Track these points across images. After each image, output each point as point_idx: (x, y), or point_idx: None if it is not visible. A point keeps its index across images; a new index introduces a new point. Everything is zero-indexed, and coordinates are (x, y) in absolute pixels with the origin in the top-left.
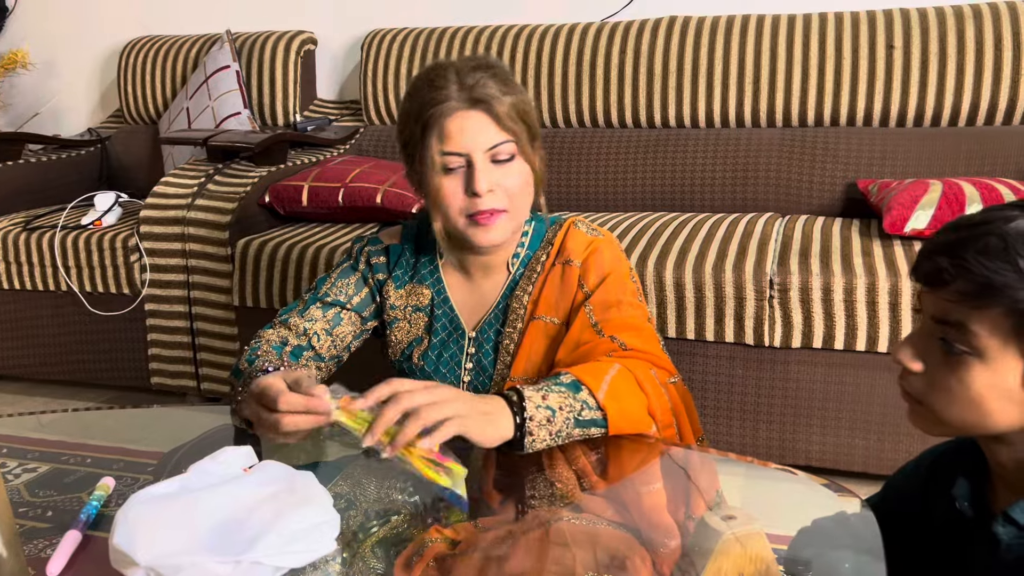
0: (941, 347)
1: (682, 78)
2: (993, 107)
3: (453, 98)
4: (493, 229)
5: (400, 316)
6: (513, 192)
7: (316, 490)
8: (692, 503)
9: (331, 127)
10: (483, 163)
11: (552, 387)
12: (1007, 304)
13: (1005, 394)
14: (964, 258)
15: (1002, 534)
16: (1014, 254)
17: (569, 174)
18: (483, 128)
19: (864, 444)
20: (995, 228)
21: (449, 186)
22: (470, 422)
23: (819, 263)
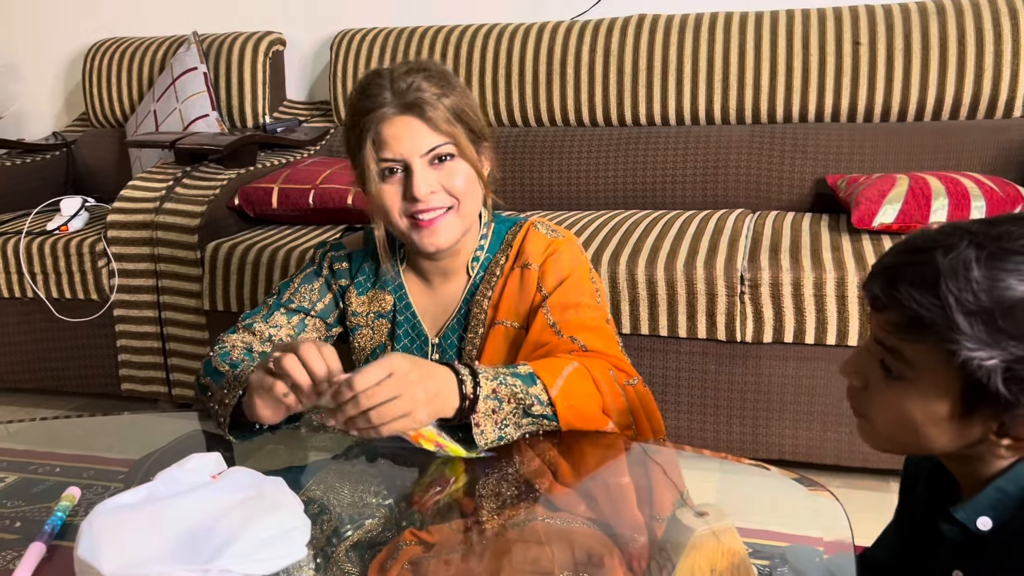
0: (880, 365)
1: (651, 76)
2: (957, 102)
3: (387, 104)
4: (438, 232)
5: (363, 323)
6: (457, 191)
7: (286, 496)
8: (658, 499)
9: (301, 128)
10: (421, 167)
11: (507, 378)
12: (934, 341)
13: (938, 421)
14: (897, 288)
15: (947, 532)
16: (944, 291)
17: (540, 173)
18: (418, 132)
19: (836, 437)
20: (932, 258)
21: (389, 191)
22: (420, 414)
23: (789, 258)
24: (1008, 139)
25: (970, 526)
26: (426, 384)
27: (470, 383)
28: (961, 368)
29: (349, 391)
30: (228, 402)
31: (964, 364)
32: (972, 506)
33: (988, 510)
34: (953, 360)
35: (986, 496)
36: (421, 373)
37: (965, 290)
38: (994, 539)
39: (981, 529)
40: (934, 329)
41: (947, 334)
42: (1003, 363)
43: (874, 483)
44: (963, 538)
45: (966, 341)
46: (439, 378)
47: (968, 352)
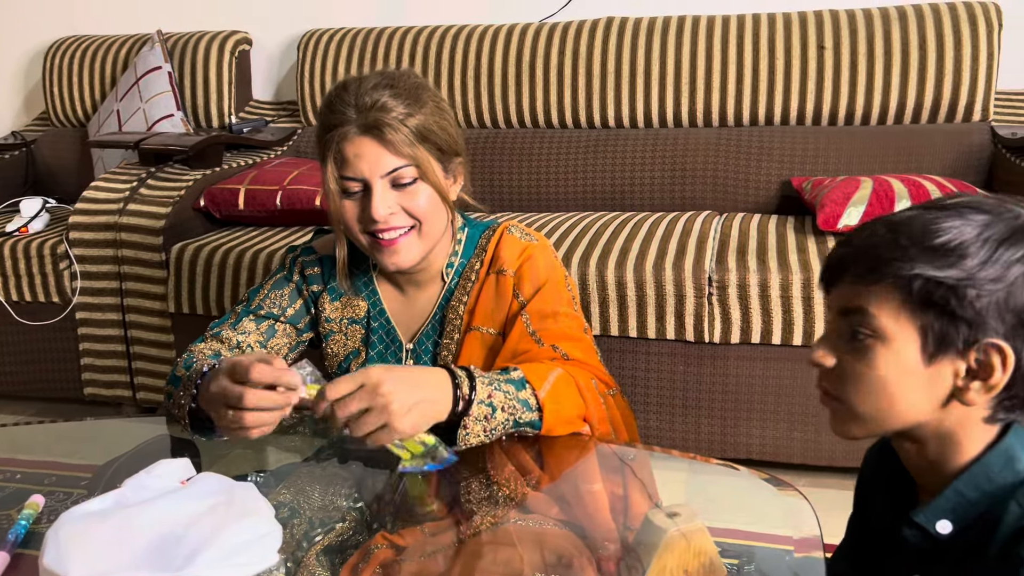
0: (847, 339)
1: (620, 78)
2: (919, 106)
3: (349, 122)
4: (399, 252)
5: (336, 329)
6: (419, 213)
7: (257, 501)
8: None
9: (268, 129)
10: (381, 188)
11: (501, 384)
12: (891, 277)
13: (908, 374)
14: (852, 244)
15: (909, 536)
16: (896, 232)
17: (509, 175)
18: (377, 155)
19: (802, 436)
20: (881, 219)
21: (349, 208)
22: (399, 424)
23: (756, 260)
24: (968, 143)
25: (930, 529)
26: (402, 397)
27: (466, 385)
28: (921, 297)
29: (323, 402)
30: (184, 402)
31: (922, 287)
32: (932, 509)
33: (948, 513)
34: (912, 287)
35: (945, 499)
36: (397, 384)
37: (908, 229)
38: (954, 544)
39: (941, 533)
40: (892, 265)
41: (902, 261)
42: (956, 281)
43: (840, 481)
44: (924, 542)
45: (919, 263)
46: (427, 385)
47: (923, 271)
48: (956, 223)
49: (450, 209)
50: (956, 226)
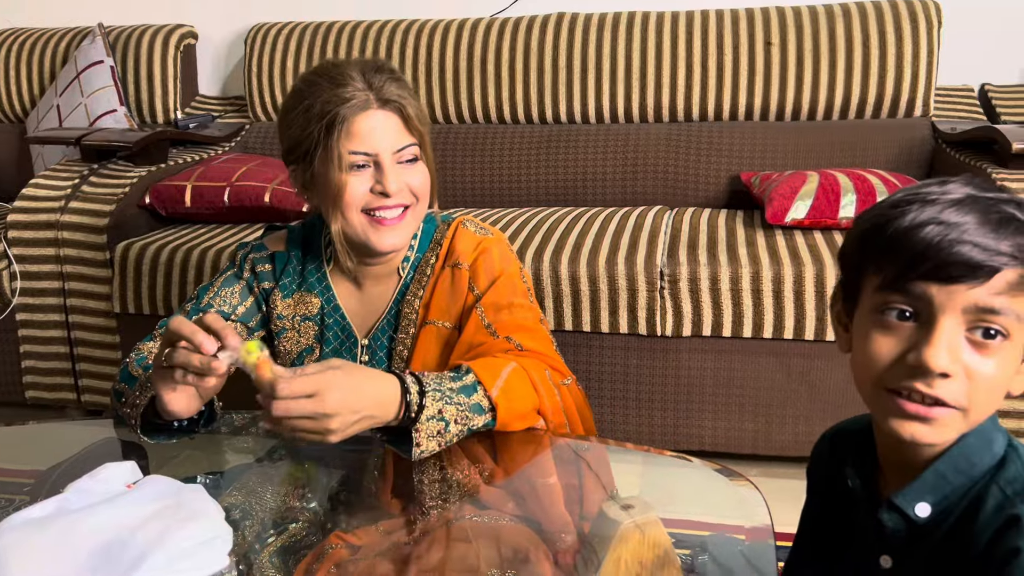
0: (971, 340)
1: (571, 74)
2: (863, 101)
3: (361, 97)
4: (396, 232)
5: (288, 326)
6: (418, 191)
7: (206, 504)
8: (586, 497)
9: (214, 124)
10: (391, 164)
11: (452, 396)
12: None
13: (1017, 370)
14: (1002, 243)
15: (887, 520)
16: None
17: (463, 170)
18: (393, 129)
19: (753, 427)
20: (1008, 202)
21: (354, 184)
22: (331, 439)
23: (706, 254)
24: (910, 137)
25: (908, 512)
26: (346, 416)
27: (416, 397)
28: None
29: (271, 389)
30: (139, 403)
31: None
32: (911, 492)
33: (927, 496)
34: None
35: (924, 482)
36: (347, 403)
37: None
38: (930, 528)
39: (920, 516)
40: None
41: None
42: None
43: (790, 471)
44: (898, 526)
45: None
46: (374, 402)
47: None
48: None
49: (435, 191)
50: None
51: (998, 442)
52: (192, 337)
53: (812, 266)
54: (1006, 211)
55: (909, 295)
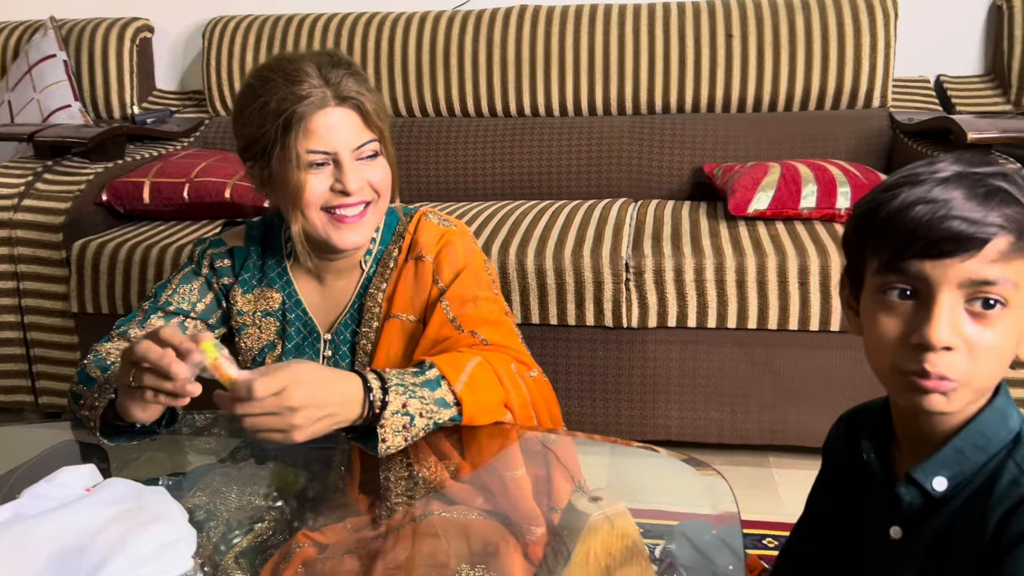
0: (970, 312)
1: (535, 66)
2: (822, 93)
3: (318, 94)
4: (358, 229)
5: (249, 322)
6: (379, 187)
7: (168, 506)
8: (554, 489)
9: (173, 119)
10: (350, 161)
11: (416, 389)
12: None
13: (1018, 336)
14: (995, 209)
15: (904, 494)
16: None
17: (428, 164)
18: (351, 126)
19: (719, 416)
20: (995, 176)
21: (313, 182)
22: (296, 436)
23: (671, 246)
24: (869, 128)
25: (926, 485)
26: (311, 412)
27: (378, 391)
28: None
29: (240, 391)
30: (98, 405)
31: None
32: (929, 467)
33: (944, 470)
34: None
35: (944, 456)
36: (311, 399)
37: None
38: (948, 500)
39: (937, 490)
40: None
41: None
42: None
43: (754, 459)
44: (916, 498)
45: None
46: (337, 399)
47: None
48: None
49: (394, 182)
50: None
51: (1013, 418)
52: (163, 364)
53: (774, 256)
54: (993, 184)
55: (906, 274)
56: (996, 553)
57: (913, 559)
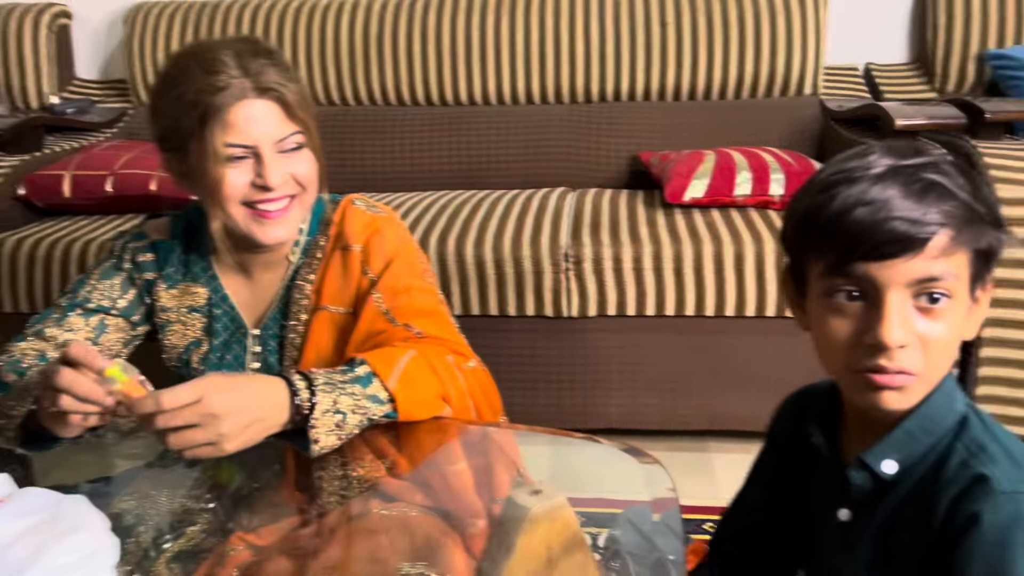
0: (918, 308)
1: (470, 54)
2: (755, 81)
3: (236, 85)
4: (281, 224)
5: (174, 318)
6: (304, 180)
7: (87, 515)
8: (495, 481)
9: (94, 109)
10: (272, 155)
11: (345, 386)
12: (973, 244)
13: (964, 319)
14: (938, 205)
15: (855, 478)
16: (971, 201)
17: (363, 154)
18: (272, 118)
19: (659, 403)
20: (927, 168)
21: (232, 176)
22: (227, 445)
23: (609, 234)
24: (801, 115)
25: (876, 469)
26: (237, 418)
27: (305, 394)
28: (988, 250)
29: (152, 406)
30: (15, 414)
31: (992, 244)
32: (880, 450)
33: (894, 453)
34: (984, 240)
35: (893, 439)
36: (234, 404)
37: (979, 196)
38: (897, 483)
39: (887, 472)
40: (979, 232)
41: (982, 228)
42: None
43: (693, 444)
44: (866, 482)
45: (995, 230)
46: (262, 404)
47: (997, 234)
48: (974, 170)
49: (322, 173)
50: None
51: (959, 400)
52: (93, 397)
53: (711, 244)
54: (927, 178)
55: (853, 277)
56: (948, 536)
57: (863, 541)
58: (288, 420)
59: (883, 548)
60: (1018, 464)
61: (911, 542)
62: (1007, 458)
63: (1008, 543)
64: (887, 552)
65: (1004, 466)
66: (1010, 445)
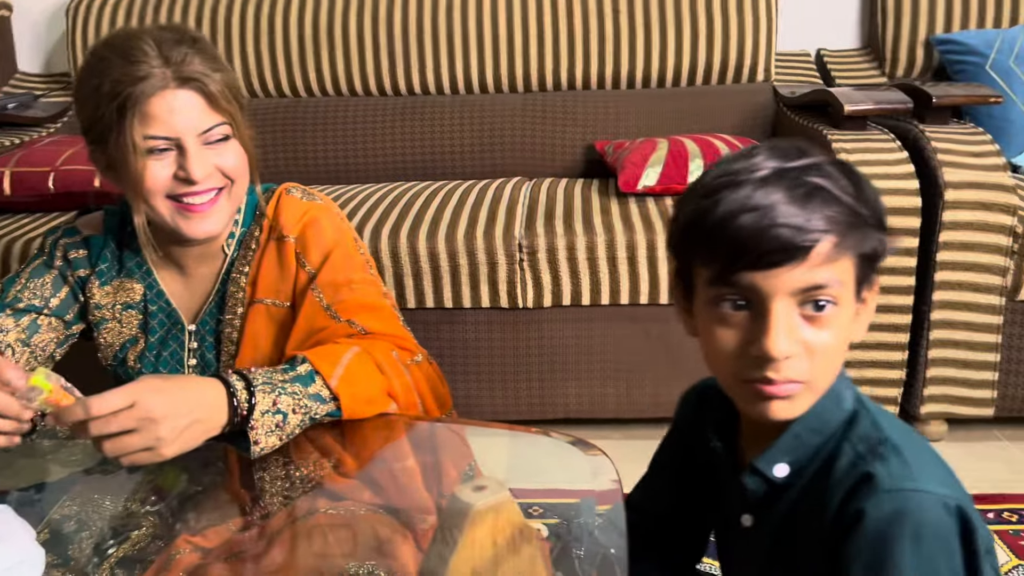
0: (804, 316)
1: (422, 44)
2: (708, 68)
3: (157, 75)
4: (210, 217)
5: (108, 316)
6: (232, 172)
7: (11, 525)
8: (445, 476)
9: (38, 104)
10: (196, 147)
11: (286, 386)
12: (857, 249)
13: (850, 323)
14: (819, 213)
15: (748, 483)
16: (854, 203)
17: (315, 146)
18: (195, 109)
19: (615, 392)
20: (810, 170)
21: (155, 169)
22: (166, 450)
23: (563, 224)
24: (754, 102)
25: (767, 474)
26: (174, 421)
27: (243, 396)
28: (872, 255)
29: (81, 413)
30: None
31: (876, 248)
32: (771, 455)
33: (784, 456)
34: (868, 244)
35: (784, 443)
36: (170, 407)
37: (862, 197)
38: (790, 485)
39: (777, 476)
40: (860, 237)
41: (866, 231)
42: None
43: (650, 432)
44: (759, 486)
45: (877, 231)
46: (200, 405)
47: (880, 236)
48: (857, 172)
49: (252, 164)
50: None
51: (847, 399)
52: (9, 412)
53: (664, 232)
54: (811, 182)
55: (737, 286)
56: (837, 533)
57: (762, 545)
58: (227, 422)
59: (779, 551)
60: (904, 461)
61: (805, 543)
62: (894, 455)
63: (888, 538)
64: (783, 555)
65: (890, 463)
66: (899, 441)
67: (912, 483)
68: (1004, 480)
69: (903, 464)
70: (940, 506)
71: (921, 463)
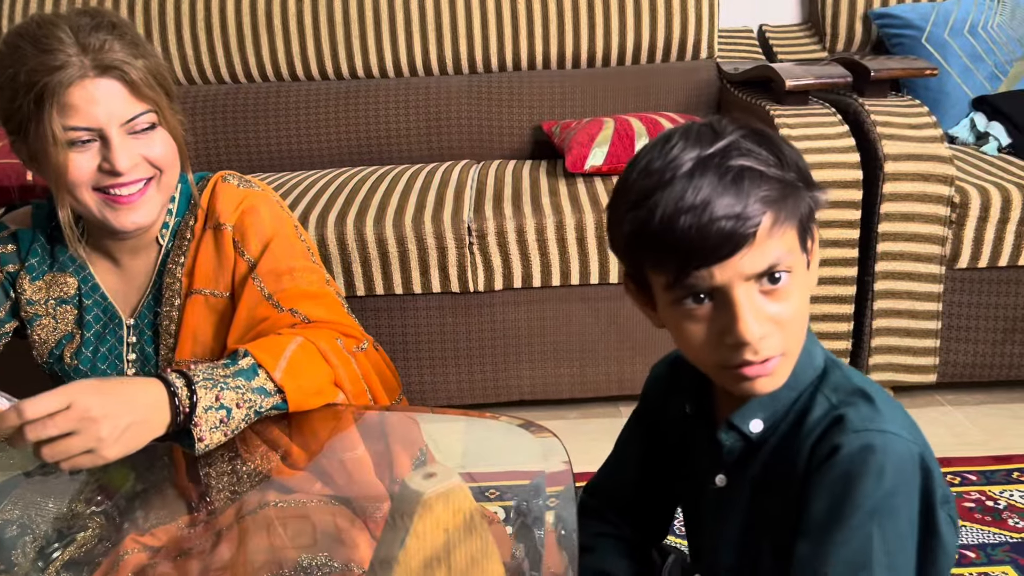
0: (763, 292)
1: (364, 26)
2: (653, 46)
3: (74, 64)
4: (139, 209)
5: (42, 312)
6: (160, 162)
7: None
8: (396, 464)
9: None
10: (120, 137)
11: (228, 380)
12: (796, 217)
13: (808, 285)
14: (754, 194)
15: (725, 439)
16: (771, 145)
17: (257, 133)
18: (117, 98)
19: (569, 372)
20: (730, 151)
21: (78, 161)
22: (108, 452)
23: (511, 206)
24: (698, 80)
25: (743, 429)
26: (115, 420)
27: (184, 394)
28: (808, 215)
29: (16, 418)
30: None
31: (809, 208)
32: (746, 412)
33: (759, 412)
34: (803, 213)
35: (759, 401)
36: (110, 406)
37: (789, 162)
38: (764, 441)
39: (753, 432)
40: (795, 205)
41: (800, 198)
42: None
43: (606, 410)
44: (736, 443)
45: (808, 191)
46: (139, 404)
47: (812, 194)
48: (771, 135)
49: (182, 152)
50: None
51: (818, 355)
52: None
53: None
54: (735, 165)
55: (695, 285)
56: (806, 474)
57: (737, 503)
58: (171, 421)
59: (756, 507)
60: (875, 408)
61: (780, 497)
62: (865, 401)
63: (853, 475)
64: (760, 510)
65: (860, 408)
66: (868, 388)
67: (880, 425)
68: (947, 444)
69: (873, 410)
70: (905, 449)
71: (890, 410)
